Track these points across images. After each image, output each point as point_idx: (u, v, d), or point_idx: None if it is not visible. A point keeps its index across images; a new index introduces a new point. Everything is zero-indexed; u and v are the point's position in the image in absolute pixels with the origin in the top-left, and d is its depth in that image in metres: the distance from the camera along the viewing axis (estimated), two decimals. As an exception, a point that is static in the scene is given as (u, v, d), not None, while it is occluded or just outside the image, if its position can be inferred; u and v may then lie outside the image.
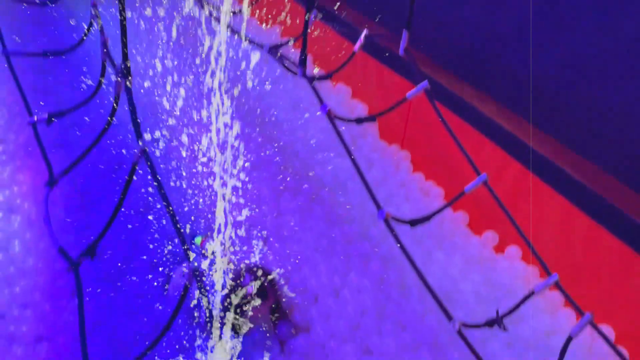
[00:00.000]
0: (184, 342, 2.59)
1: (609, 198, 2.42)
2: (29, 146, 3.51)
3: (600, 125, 2.68)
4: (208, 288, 2.56)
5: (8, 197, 3.15)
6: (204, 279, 2.62)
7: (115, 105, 2.02)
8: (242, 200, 3.31)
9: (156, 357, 2.51)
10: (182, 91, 4.12)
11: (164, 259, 2.98)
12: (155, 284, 2.81)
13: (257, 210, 3.30)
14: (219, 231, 3.18)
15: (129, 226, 3.06)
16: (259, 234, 3.18)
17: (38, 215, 3.03)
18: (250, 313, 2.59)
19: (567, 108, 2.87)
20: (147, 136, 3.49)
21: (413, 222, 2.28)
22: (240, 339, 2.58)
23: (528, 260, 2.93)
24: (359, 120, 2.41)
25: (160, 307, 2.71)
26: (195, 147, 3.67)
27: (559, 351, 2.45)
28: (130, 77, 1.89)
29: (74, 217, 3.10)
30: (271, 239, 3.12)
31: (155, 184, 1.74)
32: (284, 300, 2.75)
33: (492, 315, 2.20)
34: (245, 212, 3.24)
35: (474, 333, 2.37)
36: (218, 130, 3.75)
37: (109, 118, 2.10)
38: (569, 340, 2.02)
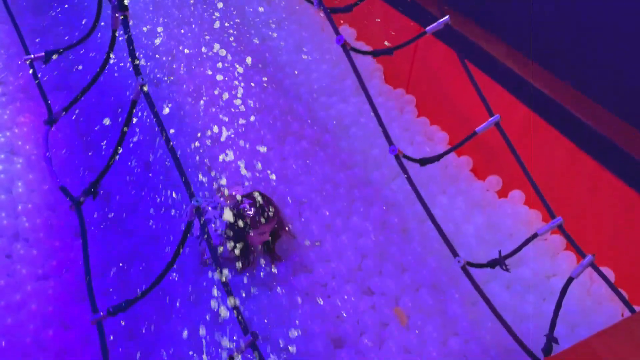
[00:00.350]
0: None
1: (615, 139, 2.39)
2: (28, 88, 3.46)
3: (607, 65, 2.61)
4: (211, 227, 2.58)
5: (9, 138, 3.13)
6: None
7: (112, 40, 1.97)
8: (247, 145, 3.29)
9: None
10: (183, 31, 4.02)
11: (172, 199, 3.00)
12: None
13: (261, 154, 3.28)
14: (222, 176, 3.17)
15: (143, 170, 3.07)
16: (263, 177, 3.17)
17: (40, 157, 3.02)
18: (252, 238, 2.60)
19: (574, 49, 2.79)
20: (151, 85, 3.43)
21: (423, 161, 2.27)
22: (241, 275, 2.63)
23: (531, 204, 2.93)
24: (375, 53, 2.35)
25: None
26: (198, 91, 3.62)
27: (559, 292, 2.48)
28: (127, 11, 1.83)
29: (77, 159, 3.09)
30: (274, 183, 3.12)
31: (154, 118, 1.71)
32: (288, 226, 2.75)
33: (493, 257, 2.23)
34: (249, 156, 3.23)
35: (475, 274, 2.40)
36: (221, 75, 3.68)
37: (107, 54, 2.05)
38: (570, 280, 2.05)
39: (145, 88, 1.77)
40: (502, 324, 2.00)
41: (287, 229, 2.73)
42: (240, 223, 2.51)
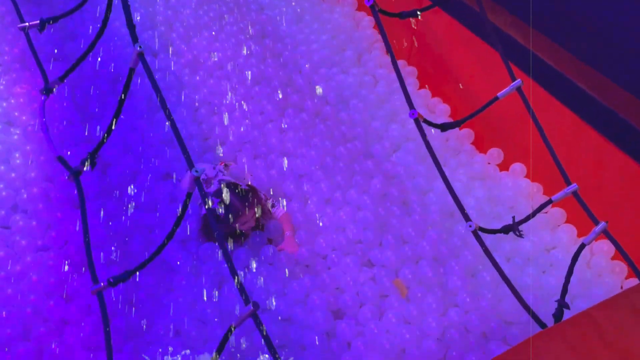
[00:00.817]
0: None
1: (621, 112, 2.36)
2: (24, 58, 3.41)
3: (614, 36, 2.56)
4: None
5: (5, 109, 3.09)
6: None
7: (108, 7, 1.92)
8: (245, 116, 3.25)
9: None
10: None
11: (172, 169, 2.98)
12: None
13: (259, 125, 3.25)
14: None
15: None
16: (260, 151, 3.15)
17: (37, 127, 2.99)
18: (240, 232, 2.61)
19: (579, 19, 2.74)
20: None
21: (444, 127, 2.23)
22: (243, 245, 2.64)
23: (531, 177, 2.91)
24: (402, 15, 2.28)
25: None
26: (196, 62, 3.56)
27: (559, 264, 2.48)
28: (123, -25, 1.78)
29: (74, 130, 3.06)
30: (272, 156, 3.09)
31: (152, 86, 1.68)
32: (269, 204, 2.71)
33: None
34: (248, 128, 3.20)
35: (475, 247, 2.39)
36: (219, 46, 3.63)
37: (103, 22, 2.00)
38: (582, 247, 2.04)
39: (142, 53, 1.73)
40: (513, 293, 1.99)
41: (269, 207, 2.69)
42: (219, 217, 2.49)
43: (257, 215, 2.59)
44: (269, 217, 2.69)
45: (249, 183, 2.64)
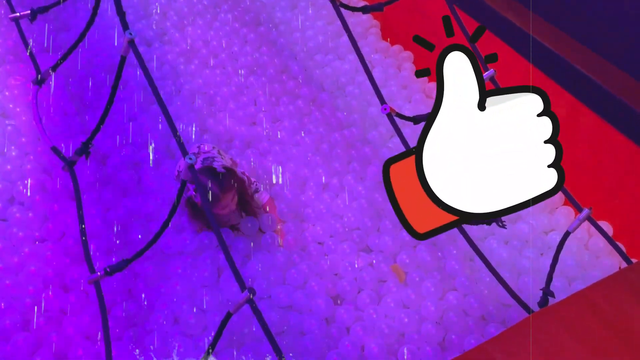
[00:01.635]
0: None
1: (616, 92, 2.35)
2: (17, 50, 3.38)
3: (612, 17, 2.54)
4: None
5: (0, 101, 3.08)
6: None
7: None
8: (240, 105, 3.24)
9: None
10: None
11: (167, 157, 2.97)
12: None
13: (255, 113, 3.23)
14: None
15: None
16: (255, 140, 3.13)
17: (32, 119, 2.97)
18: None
19: (579, 3, 2.72)
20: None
21: (417, 120, 2.23)
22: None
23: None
24: (365, 10, 2.28)
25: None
26: (190, 50, 3.54)
27: (556, 246, 2.47)
28: (112, -38, 1.76)
29: (69, 121, 3.04)
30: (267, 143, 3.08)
31: (144, 73, 1.67)
32: (253, 188, 2.64)
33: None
34: (243, 116, 3.18)
35: (473, 232, 2.39)
36: (213, 34, 3.60)
37: (94, 9, 1.99)
38: (567, 235, 2.05)
39: (133, 40, 1.72)
40: (498, 280, 2.01)
41: (253, 192, 2.63)
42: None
43: (235, 197, 2.48)
44: (255, 205, 2.64)
45: (227, 165, 2.47)
